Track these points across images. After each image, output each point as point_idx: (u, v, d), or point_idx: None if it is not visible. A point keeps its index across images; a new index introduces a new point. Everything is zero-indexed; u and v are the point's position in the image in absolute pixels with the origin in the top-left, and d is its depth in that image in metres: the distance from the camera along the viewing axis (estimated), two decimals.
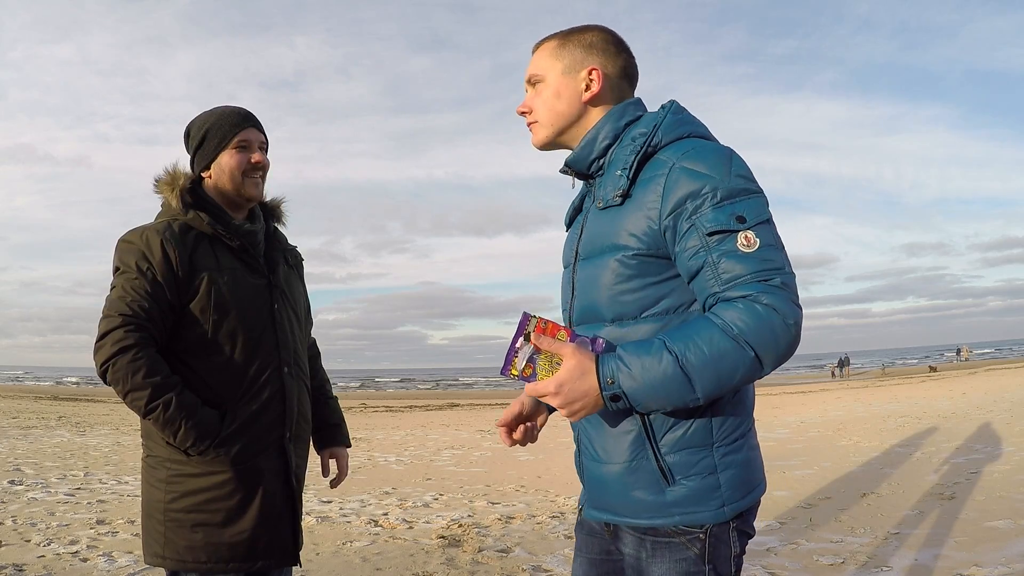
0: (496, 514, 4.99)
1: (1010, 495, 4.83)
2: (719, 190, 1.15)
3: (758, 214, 1.15)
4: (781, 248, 1.15)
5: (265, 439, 1.74)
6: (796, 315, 1.10)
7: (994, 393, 14.36)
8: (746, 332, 1.07)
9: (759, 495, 1.28)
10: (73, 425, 12.41)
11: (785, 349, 1.10)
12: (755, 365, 1.09)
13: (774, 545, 3.97)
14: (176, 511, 1.67)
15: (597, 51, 1.32)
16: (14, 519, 4.67)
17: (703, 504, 1.20)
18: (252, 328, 1.73)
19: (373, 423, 14.87)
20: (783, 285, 1.10)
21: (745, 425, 1.28)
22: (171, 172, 1.79)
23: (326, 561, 3.85)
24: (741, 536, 1.26)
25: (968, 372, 29.36)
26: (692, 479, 1.21)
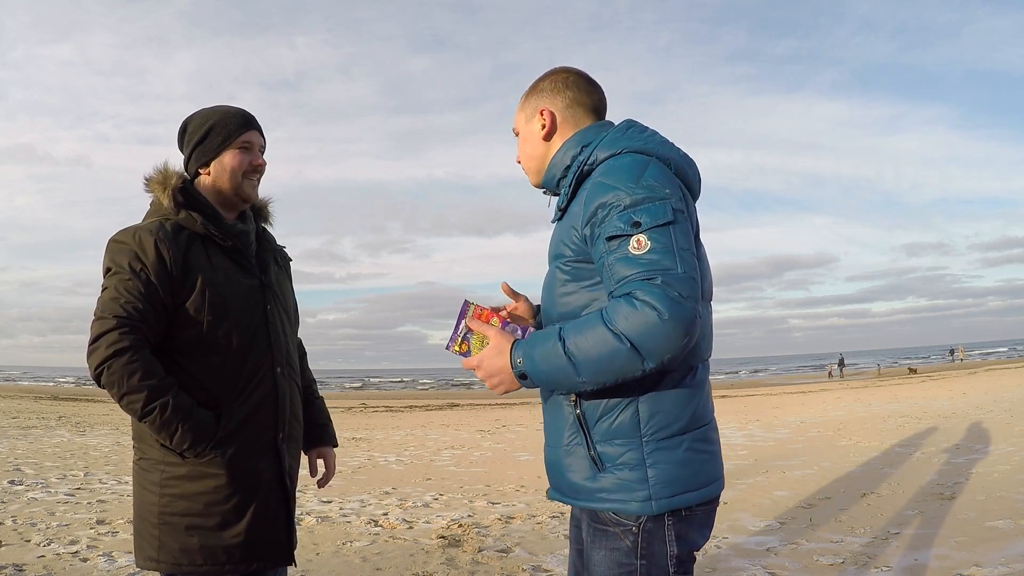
0: (496, 514, 4.99)
1: (1010, 495, 4.83)
2: (625, 199, 1.26)
3: (655, 219, 1.24)
4: (673, 250, 1.22)
5: (259, 440, 1.72)
6: (673, 311, 1.16)
7: (994, 393, 14.36)
8: (623, 326, 1.18)
9: (700, 499, 1.33)
10: (73, 425, 12.41)
11: (664, 343, 1.17)
12: (632, 356, 1.18)
13: (774, 545, 3.97)
14: (170, 514, 1.65)
15: (546, 93, 1.52)
16: (14, 519, 4.67)
17: (630, 494, 1.29)
18: (246, 328, 1.71)
19: (373, 423, 14.86)
20: (663, 283, 1.18)
21: (683, 424, 1.33)
22: (162, 171, 1.76)
23: (326, 561, 3.85)
24: (681, 539, 1.32)
25: (968, 372, 29.36)
26: (620, 469, 1.31)
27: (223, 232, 1.73)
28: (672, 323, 1.16)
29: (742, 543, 4.05)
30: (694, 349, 1.34)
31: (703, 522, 1.38)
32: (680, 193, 1.32)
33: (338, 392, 45.67)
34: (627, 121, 1.46)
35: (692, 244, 1.28)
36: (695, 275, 1.22)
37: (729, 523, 4.55)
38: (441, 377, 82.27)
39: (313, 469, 2.07)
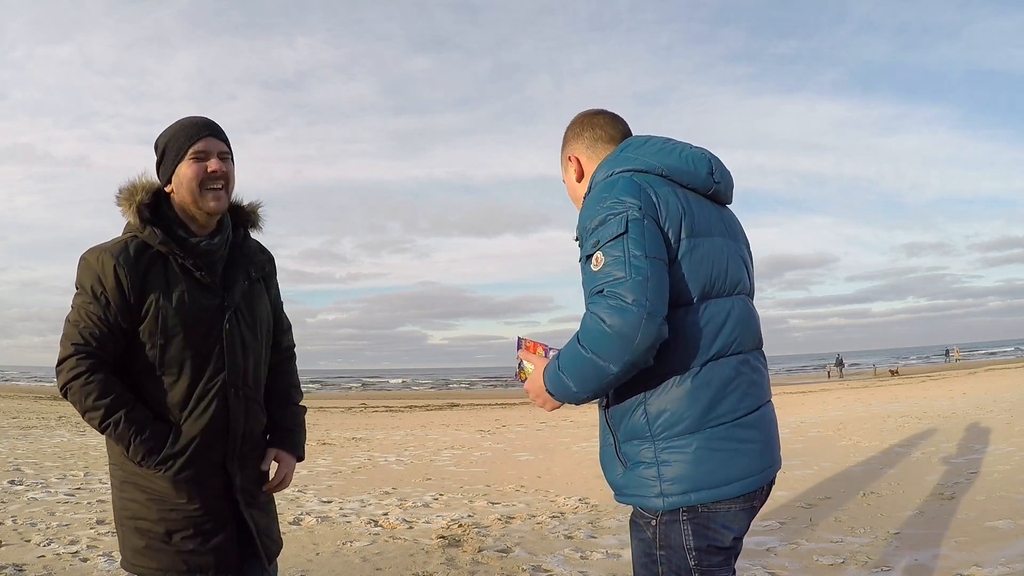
0: (496, 514, 4.99)
1: (1010, 495, 4.83)
2: (590, 223, 1.39)
3: (609, 234, 1.34)
4: (624, 260, 1.32)
5: (207, 459, 1.75)
6: (614, 318, 1.28)
7: (994, 393, 14.36)
8: (583, 338, 1.33)
9: (716, 497, 1.37)
10: (73, 425, 12.40)
11: (615, 347, 1.29)
12: (596, 363, 1.31)
13: (774, 545, 3.97)
14: (127, 516, 1.73)
15: (570, 140, 1.68)
16: (14, 519, 4.67)
17: (645, 490, 1.40)
18: (198, 351, 1.73)
19: (373, 423, 14.87)
20: (609, 293, 1.30)
21: (691, 422, 1.37)
22: (130, 186, 1.76)
23: (326, 561, 3.85)
24: (699, 533, 1.38)
25: (968, 372, 29.35)
26: (639, 466, 1.41)
27: (184, 250, 1.73)
28: (614, 329, 1.28)
29: None
30: (678, 345, 1.38)
31: (729, 518, 1.40)
32: (640, 199, 1.38)
33: (338, 392, 45.65)
34: (626, 140, 1.58)
35: (648, 248, 1.33)
36: (644, 278, 1.30)
37: None
38: (440, 377, 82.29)
39: (266, 464, 1.96)
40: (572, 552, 3.92)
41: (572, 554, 3.88)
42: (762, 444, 1.44)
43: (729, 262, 1.47)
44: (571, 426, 12.17)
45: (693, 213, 1.43)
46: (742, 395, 1.42)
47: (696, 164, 1.49)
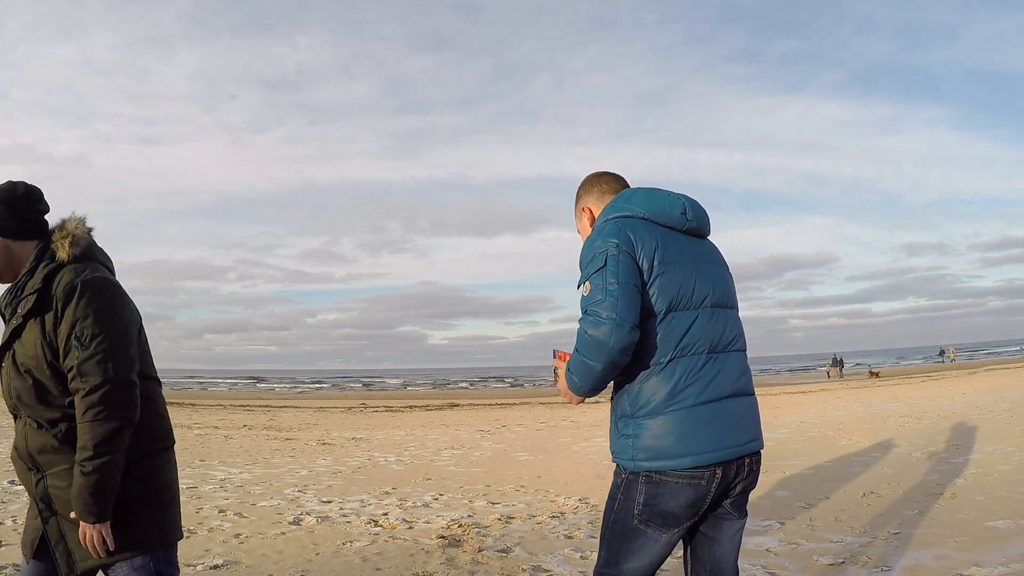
0: (496, 514, 4.99)
1: (1010, 495, 4.83)
2: (585, 260, 1.85)
3: (593, 268, 1.79)
4: (603, 286, 1.75)
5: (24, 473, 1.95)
6: (593, 329, 1.74)
7: (994, 393, 14.37)
8: (577, 346, 1.80)
9: (674, 467, 1.75)
10: None
11: (594, 351, 1.74)
12: (587, 363, 1.77)
13: (774, 545, 3.97)
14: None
15: (582, 196, 2.12)
16: (14, 519, 4.67)
17: (625, 454, 1.84)
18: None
19: (373, 423, 14.87)
20: (590, 312, 1.76)
21: (656, 405, 1.78)
22: None
23: (326, 561, 3.85)
24: (651, 496, 1.78)
25: (968, 372, 29.35)
26: (624, 437, 1.84)
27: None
28: (594, 337, 1.74)
29: (742, 543, 4.05)
30: (648, 348, 1.79)
31: (675, 489, 1.77)
32: (619, 238, 1.80)
33: (338, 392, 45.65)
34: (620, 192, 2.01)
35: (622, 276, 1.76)
36: (615, 298, 1.73)
37: None
38: (439, 377, 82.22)
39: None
40: (572, 552, 3.92)
41: (572, 554, 3.88)
42: (717, 431, 1.77)
43: (696, 283, 1.85)
44: (571, 426, 12.17)
45: (666, 246, 1.84)
46: (701, 387, 1.78)
47: (671, 207, 1.89)
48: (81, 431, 1.80)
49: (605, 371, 1.75)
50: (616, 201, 1.94)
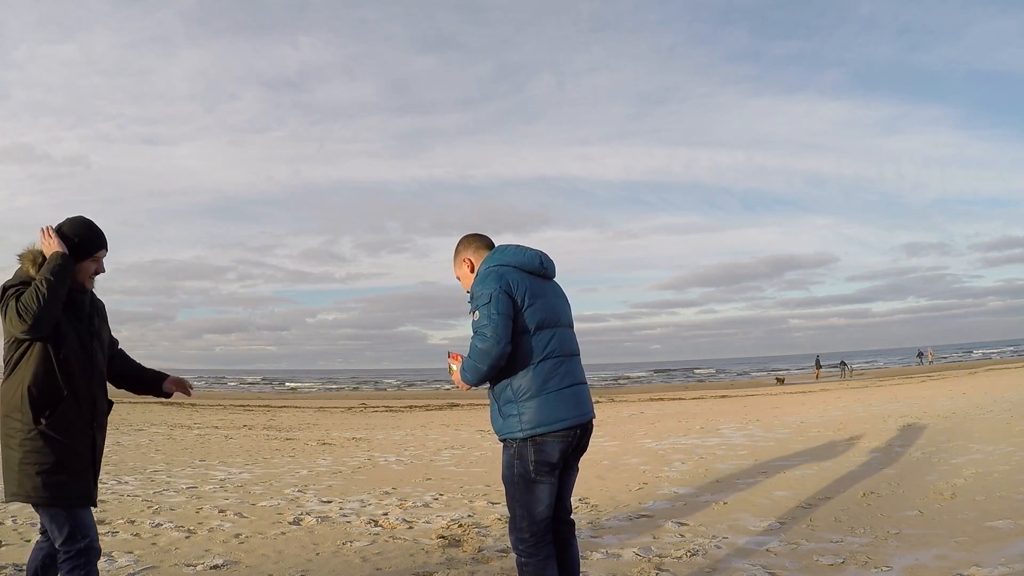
0: (496, 514, 4.99)
1: (1010, 495, 4.83)
2: (476, 293, 2.63)
3: (482, 303, 2.57)
4: (486, 315, 2.55)
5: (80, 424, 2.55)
6: (483, 343, 2.53)
7: (994, 393, 14.37)
8: (470, 352, 2.60)
9: (550, 430, 2.56)
10: None
11: (479, 358, 2.56)
12: (473, 365, 2.59)
13: (774, 545, 3.97)
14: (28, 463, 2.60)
15: (463, 251, 2.89)
16: (14, 519, 4.67)
17: (513, 429, 2.59)
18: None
19: (373, 423, 14.87)
20: (479, 332, 2.56)
21: (535, 391, 2.58)
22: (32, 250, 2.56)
23: (326, 561, 3.85)
24: (539, 453, 2.57)
25: (968, 372, 29.36)
26: (510, 417, 2.61)
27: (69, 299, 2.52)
28: (481, 349, 2.54)
29: (742, 543, 4.05)
30: (522, 354, 2.60)
31: (553, 445, 2.58)
32: (500, 283, 2.59)
33: (338, 393, 45.62)
34: (499, 247, 2.80)
35: (501, 309, 2.55)
36: (499, 325, 2.53)
37: (729, 523, 4.55)
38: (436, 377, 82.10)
39: (170, 393, 2.93)
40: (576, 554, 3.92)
41: None
42: (573, 405, 2.63)
43: (552, 311, 2.70)
44: None
45: (532, 286, 2.66)
46: (560, 378, 2.63)
47: (532, 260, 2.74)
48: (131, 361, 3.01)
49: (488, 371, 2.57)
50: (495, 254, 2.75)
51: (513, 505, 2.65)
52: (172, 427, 12.99)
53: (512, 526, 2.67)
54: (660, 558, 3.80)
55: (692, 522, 4.62)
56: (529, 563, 2.64)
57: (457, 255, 2.90)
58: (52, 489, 2.48)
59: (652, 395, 26.92)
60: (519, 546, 2.66)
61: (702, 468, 6.83)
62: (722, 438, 9.38)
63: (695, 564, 3.68)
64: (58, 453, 2.47)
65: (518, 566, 2.70)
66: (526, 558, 2.65)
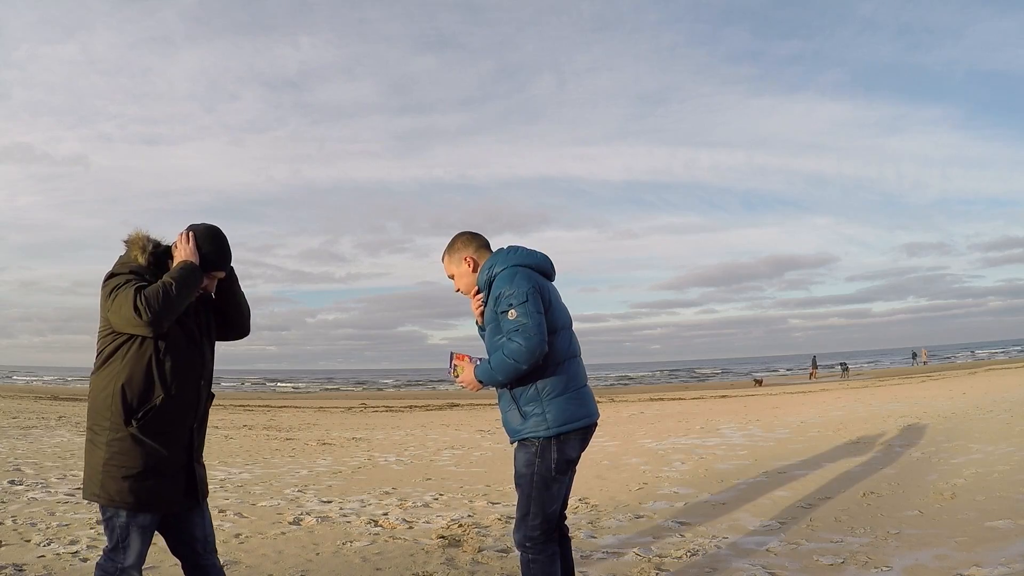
0: (496, 514, 4.99)
1: (1010, 495, 4.83)
2: (504, 293, 2.61)
3: (518, 301, 2.57)
4: (526, 314, 2.55)
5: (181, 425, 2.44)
6: (527, 342, 2.51)
7: (994, 393, 14.36)
8: (507, 351, 2.56)
9: (573, 428, 2.62)
10: (73, 425, 12.41)
11: (524, 356, 2.52)
12: (513, 364, 2.55)
13: (774, 545, 3.97)
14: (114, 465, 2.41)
15: (462, 249, 2.86)
16: (14, 519, 4.67)
17: (537, 428, 2.62)
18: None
19: (373, 423, 14.87)
20: (520, 333, 2.54)
21: (559, 390, 2.63)
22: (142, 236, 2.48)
23: (326, 561, 3.85)
24: (561, 452, 2.62)
25: (968, 372, 29.35)
26: (533, 417, 2.63)
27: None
28: (525, 347, 2.52)
29: (742, 543, 4.05)
30: (552, 354, 2.62)
31: (576, 444, 2.66)
32: (532, 283, 2.61)
33: (338, 393, 45.61)
34: (507, 248, 2.80)
35: (539, 308, 2.58)
36: (540, 323, 2.56)
37: (729, 523, 4.55)
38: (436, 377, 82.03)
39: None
40: (572, 551, 3.92)
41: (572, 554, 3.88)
42: (590, 403, 2.72)
43: (565, 311, 2.79)
44: None
45: (548, 288, 2.73)
46: (579, 377, 2.72)
47: (545, 262, 2.79)
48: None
49: (526, 371, 2.57)
50: (509, 254, 2.75)
51: (527, 503, 2.66)
52: None
53: (521, 524, 2.68)
54: (660, 558, 3.80)
55: (692, 522, 4.62)
56: (537, 560, 2.64)
57: (455, 251, 2.85)
58: (139, 494, 2.29)
59: (652, 395, 26.93)
60: (526, 543, 2.66)
61: (702, 468, 6.83)
62: (722, 438, 9.37)
63: (695, 564, 3.68)
64: (148, 458, 2.30)
65: (524, 564, 2.68)
66: (534, 555, 2.65)
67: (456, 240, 2.87)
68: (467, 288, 2.85)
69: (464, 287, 2.86)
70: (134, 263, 2.40)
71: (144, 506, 2.31)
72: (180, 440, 2.39)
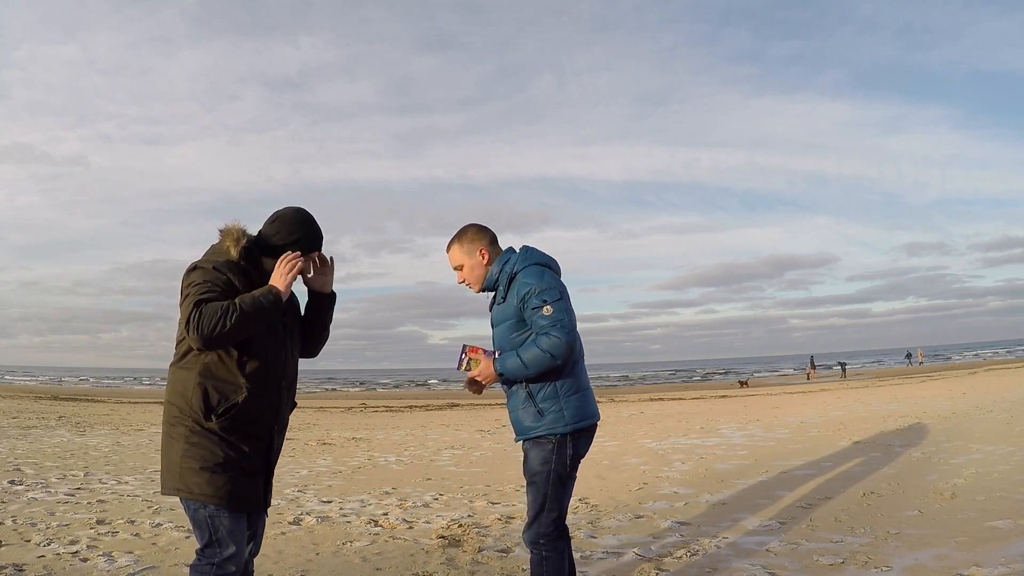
0: (496, 514, 4.99)
1: (1010, 495, 4.83)
2: (536, 289, 2.59)
3: (552, 298, 2.57)
4: (563, 310, 2.57)
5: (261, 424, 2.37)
6: (567, 337, 2.53)
7: (994, 393, 14.36)
8: (544, 346, 2.53)
9: (586, 424, 2.67)
10: (73, 425, 12.41)
11: (562, 352, 2.52)
12: (550, 359, 2.53)
13: (774, 545, 3.97)
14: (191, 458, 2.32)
15: (476, 241, 2.79)
16: (14, 519, 4.67)
17: (555, 425, 2.62)
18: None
19: (373, 423, 14.87)
20: (559, 328, 2.53)
21: (576, 388, 2.66)
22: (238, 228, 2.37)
23: (326, 561, 3.85)
24: (575, 447, 2.64)
25: (968, 372, 29.35)
26: (551, 414, 2.63)
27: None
28: (565, 343, 2.53)
29: (742, 543, 4.05)
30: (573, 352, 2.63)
31: (587, 440, 2.71)
32: (560, 281, 2.67)
33: (338, 393, 45.60)
34: (524, 247, 2.79)
35: (571, 306, 2.63)
36: (573, 320, 2.61)
37: (729, 523, 4.55)
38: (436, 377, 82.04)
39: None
40: (572, 551, 3.92)
41: (572, 554, 3.88)
42: (594, 403, 2.76)
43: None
44: None
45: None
46: (586, 377, 2.77)
47: (556, 263, 2.80)
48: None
49: (559, 365, 2.57)
50: (529, 253, 2.75)
51: (542, 501, 2.64)
52: None
53: (534, 523, 2.65)
54: (660, 558, 3.80)
55: (692, 522, 4.62)
56: (551, 557, 2.64)
57: (470, 241, 2.78)
58: (218, 487, 2.21)
59: (652, 395, 26.92)
60: (540, 541, 2.64)
61: (702, 468, 6.83)
62: (722, 438, 9.37)
63: (695, 564, 3.68)
64: (228, 455, 2.24)
65: (536, 562, 2.66)
66: (547, 552, 2.64)
67: (468, 230, 2.80)
68: (475, 280, 2.79)
69: (473, 279, 2.79)
70: (225, 256, 2.29)
71: (228, 501, 2.23)
72: (261, 441, 2.33)
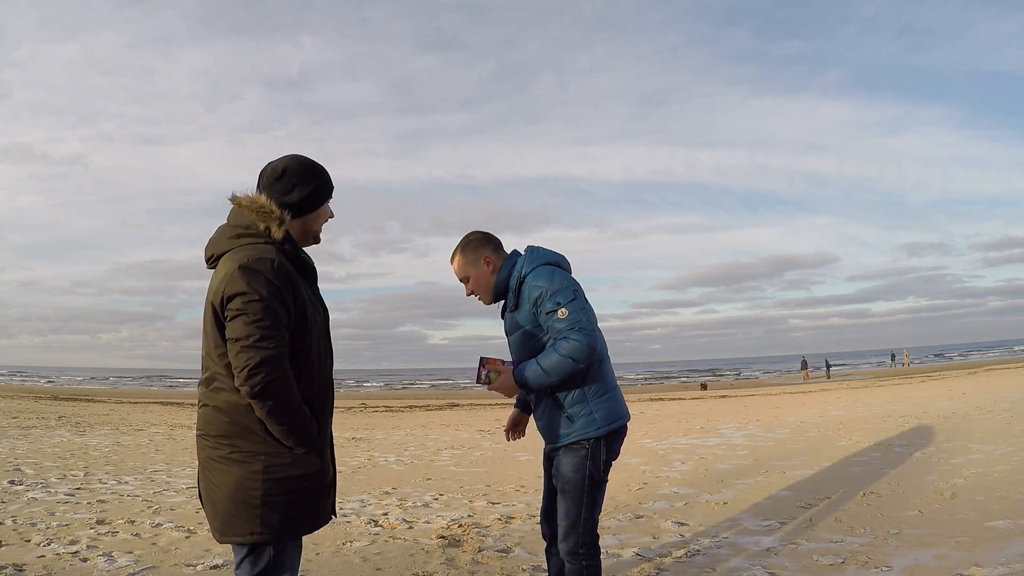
0: (496, 514, 4.99)
1: (1010, 495, 4.83)
2: (548, 291, 2.47)
3: (566, 299, 2.44)
4: (579, 310, 2.43)
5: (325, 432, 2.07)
6: (585, 340, 2.39)
7: (994, 393, 14.36)
8: (565, 351, 2.41)
9: (618, 426, 2.58)
10: (73, 425, 12.41)
11: (584, 354, 2.40)
12: (572, 363, 2.41)
13: (774, 545, 3.97)
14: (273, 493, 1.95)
15: (480, 249, 2.66)
16: (14, 519, 4.67)
17: (588, 429, 2.53)
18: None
19: (373, 423, 14.87)
20: (579, 329, 2.40)
21: (603, 389, 2.57)
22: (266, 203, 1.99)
23: (326, 561, 3.85)
24: (608, 450, 2.56)
25: (968, 372, 29.34)
26: (582, 418, 2.54)
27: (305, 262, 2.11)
28: (586, 345, 2.40)
29: (742, 543, 4.05)
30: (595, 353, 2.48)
31: (619, 442, 2.63)
32: (573, 279, 2.54)
33: (338, 392, 45.57)
34: (528, 247, 2.67)
35: (587, 303, 2.50)
36: (593, 320, 2.49)
37: (729, 523, 4.55)
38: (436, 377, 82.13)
39: None
40: None
41: None
42: (624, 401, 2.67)
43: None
44: None
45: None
46: (613, 376, 2.67)
47: (566, 261, 2.68)
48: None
49: (582, 369, 2.46)
50: (538, 254, 2.63)
51: (579, 509, 2.52)
52: (172, 427, 12.99)
53: (571, 532, 2.52)
54: (660, 558, 3.80)
55: (692, 522, 4.62)
56: (591, 565, 2.54)
57: (473, 251, 2.64)
58: (302, 519, 1.91)
59: (652, 395, 26.92)
60: (580, 550, 2.52)
61: (702, 468, 6.83)
62: (722, 438, 9.37)
63: (695, 564, 3.68)
64: (313, 475, 1.92)
65: (578, 572, 2.53)
66: (587, 560, 2.54)
67: (471, 240, 2.66)
68: (484, 290, 2.65)
69: (482, 289, 2.66)
70: (265, 240, 1.94)
71: (305, 530, 1.94)
72: (328, 445, 2.04)
